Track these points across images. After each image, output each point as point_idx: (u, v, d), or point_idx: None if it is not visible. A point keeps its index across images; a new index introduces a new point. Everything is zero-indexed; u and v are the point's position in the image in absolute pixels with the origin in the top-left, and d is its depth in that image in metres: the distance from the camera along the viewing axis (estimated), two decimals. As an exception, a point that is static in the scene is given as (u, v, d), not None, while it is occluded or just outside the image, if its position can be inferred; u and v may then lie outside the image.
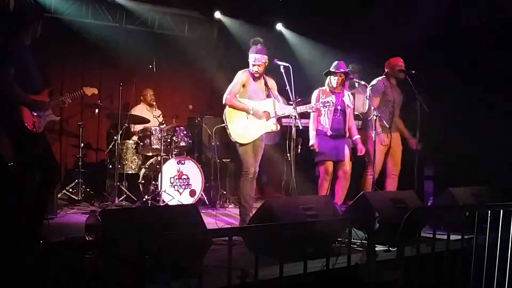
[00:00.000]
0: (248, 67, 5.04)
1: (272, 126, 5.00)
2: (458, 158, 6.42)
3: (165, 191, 5.97)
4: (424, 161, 6.23)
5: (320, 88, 5.51)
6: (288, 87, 4.87)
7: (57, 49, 7.10)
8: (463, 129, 6.39)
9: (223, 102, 4.95)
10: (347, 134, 5.55)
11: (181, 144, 6.49)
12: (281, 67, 4.91)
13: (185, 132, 6.58)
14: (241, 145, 4.93)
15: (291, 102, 4.90)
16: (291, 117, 4.91)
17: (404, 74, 5.67)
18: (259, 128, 4.96)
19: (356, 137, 5.56)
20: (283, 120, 5.96)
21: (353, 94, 6.19)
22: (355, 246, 4.00)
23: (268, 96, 5.05)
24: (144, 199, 6.01)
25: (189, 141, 6.64)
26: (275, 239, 3.19)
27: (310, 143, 5.37)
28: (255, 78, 5.02)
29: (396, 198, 4.48)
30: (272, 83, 5.12)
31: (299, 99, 4.99)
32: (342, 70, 5.43)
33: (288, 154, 4.91)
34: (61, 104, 4.47)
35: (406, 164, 5.82)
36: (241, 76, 4.99)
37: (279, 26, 8.25)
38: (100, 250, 2.41)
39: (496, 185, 5.27)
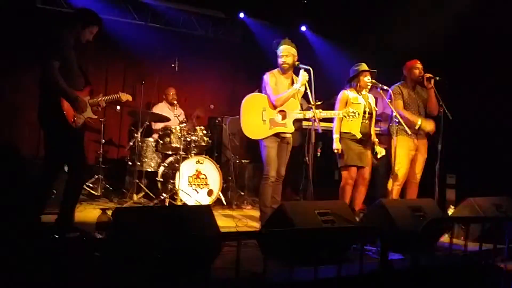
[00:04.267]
0: (270, 69, 5.04)
1: (287, 127, 4.95)
2: (482, 167, 6.30)
3: (182, 190, 5.98)
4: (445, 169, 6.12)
5: (345, 90, 5.41)
6: (308, 90, 4.84)
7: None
8: (487, 137, 6.26)
9: (277, 105, 4.92)
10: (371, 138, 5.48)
11: (201, 144, 6.49)
12: (302, 69, 4.88)
13: (205, 131, 6.58)
14: (265, 146, 4.90)
15: (311, 105, 4.86)
16: (311, 120, 4.88)
17: (428, 80, 5.53)
18: (273, 128, 4.91)
19: (375, 140, 5.49)
20: (303, 123, 5.93)
21: (376, 98, 6.11)
22: (371, 253, 3.96)
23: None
24: (162, 197, 6.03)
25: (209, 141, 6.64)
26: (288, 243, 3.16)
27: (334, 147, 5.29)
28: (283, 73, 5.00)
29: (415, 206, 4.41)
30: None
31: (320, 102, 4.94)
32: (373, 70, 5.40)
33: (307, 158, 4.86)
34: (96, 106, 4.51)
35: (428, 171, 5.70)
36: (268, 77, 4.98)
37: (303, 28, 8.20)
38: (110, 248, 2.41)
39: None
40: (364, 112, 5.34)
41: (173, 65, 6.37)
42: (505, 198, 5.05)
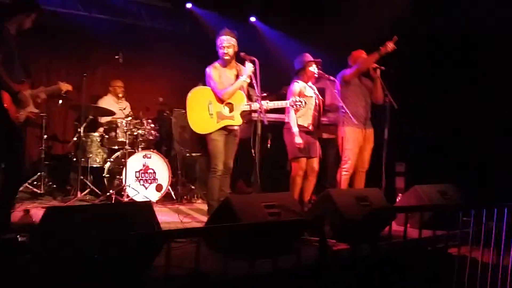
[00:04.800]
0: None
1: (235, 120, 4.88)
2: (431, 155, 6.42)
3: (129, 186, 5.82)
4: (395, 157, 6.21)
5: (296, 82, 5.39)
6: (254, 81, 4.78)
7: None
8: (438, 125, 6.37)
9: (225, 99, 4.82)
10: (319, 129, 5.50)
11: (148, 138, 6.33)
12: (247, 61, 4.81)
13: (152, 125, 6.41)
14: (212, 140, 4.82)
15: (257, 97, 4.80)
16: (257, 112, 4.82)
17: (373, 70, 5.59)
18: (221, 121, 4.82)
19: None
20: (253, 114, 5.88)
21: (323, 89, 6.13)
22: (316, 244, 3.94)
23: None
24: (108, 194, 5.85)
25: (157, 134, 6.49)
26: (232, 238, 3.09)
27: (297, 141, 5.23)
28: (225, 65, 4.90)
29: (361, 195, 4.44)
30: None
31: (265, 94, 4.89)
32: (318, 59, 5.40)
33: (253, 150, 4.81)
34: (36, 98, 4.31)
35: (378, 160, 5.76)
36: (211, 71, 4.88)
37: (253, 19, 8.13)
38: (37, 251, 2.28)
39: (466, 181, 5.26)
40: (316, 105, 5.35)
41: (116, 57, 6.16)
42: (450, 185, 5.16)
